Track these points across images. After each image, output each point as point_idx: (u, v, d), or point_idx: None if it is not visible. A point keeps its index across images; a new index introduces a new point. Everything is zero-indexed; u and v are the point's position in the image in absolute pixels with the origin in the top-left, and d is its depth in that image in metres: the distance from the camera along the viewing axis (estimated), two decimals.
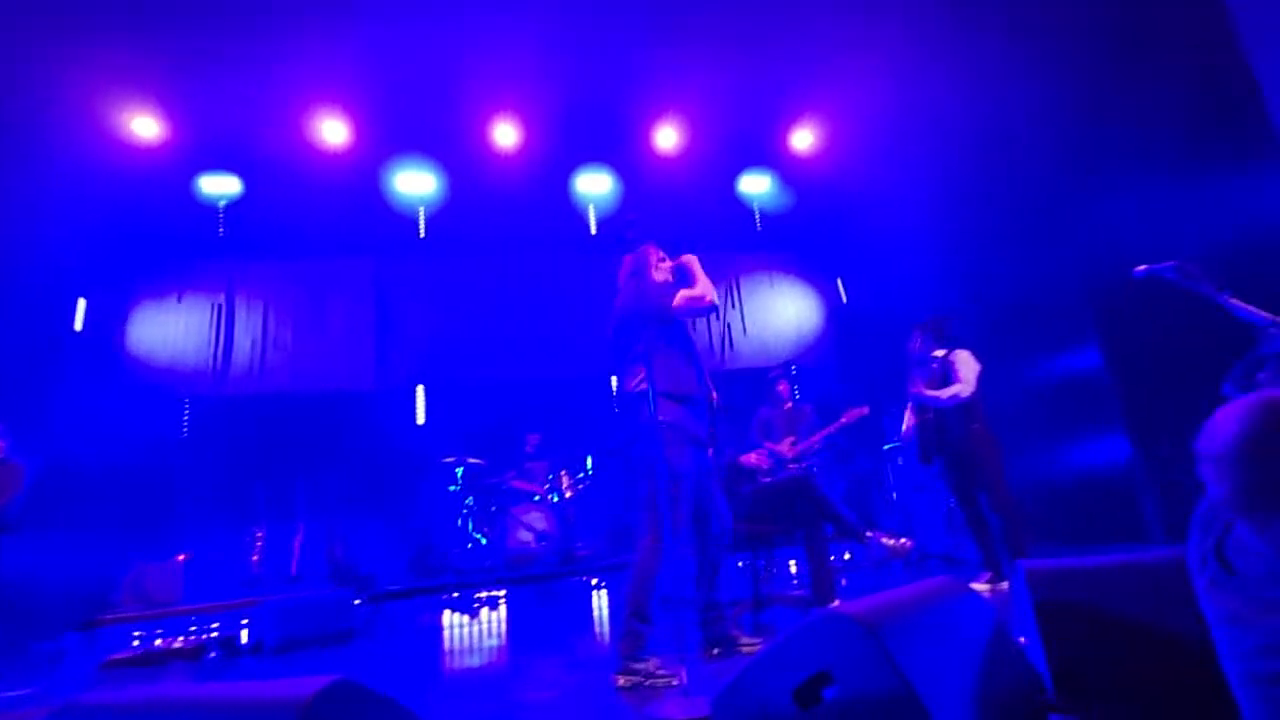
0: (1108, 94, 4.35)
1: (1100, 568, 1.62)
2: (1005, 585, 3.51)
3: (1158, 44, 4.03)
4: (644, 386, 2.50)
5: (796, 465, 4.12)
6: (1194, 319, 3.04)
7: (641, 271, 2.90)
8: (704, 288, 2.76)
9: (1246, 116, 3.61)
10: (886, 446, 6.12)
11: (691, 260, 2.87)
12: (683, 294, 2.72)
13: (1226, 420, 1.06)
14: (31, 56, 4.95)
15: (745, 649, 2.62)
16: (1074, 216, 4.39)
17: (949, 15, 5.17)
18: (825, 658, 1.33)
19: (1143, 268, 2.62)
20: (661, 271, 2.92)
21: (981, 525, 3.67)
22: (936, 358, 3.96)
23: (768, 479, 3.50)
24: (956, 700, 1.25)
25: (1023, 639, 1.65)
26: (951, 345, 3.96)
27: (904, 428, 4.16)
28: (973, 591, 1.66)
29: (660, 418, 2.43)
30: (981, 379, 3.85)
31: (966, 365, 3.84)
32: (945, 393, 3.84)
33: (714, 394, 2.85)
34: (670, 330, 2.71)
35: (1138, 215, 4.07)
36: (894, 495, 5.98)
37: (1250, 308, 2.33)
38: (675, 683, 2.15)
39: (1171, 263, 2.62)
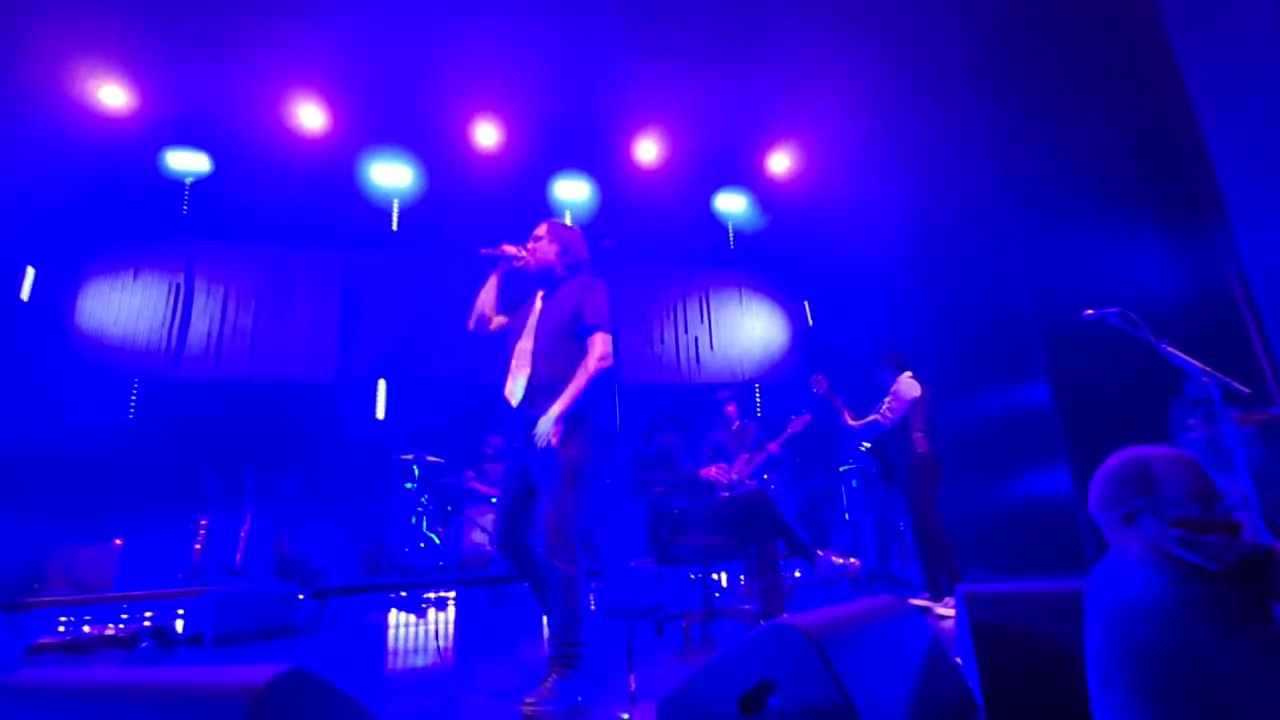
0: (1069, 144, 4.59)
1: (1033, 593, 1.71)
2: (939, 607, 3.63)
3: (1116, 102, 4.27)
4: None
5: (753, 482, 4.19)
6: (1137, 361, 3.22)
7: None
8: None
9: (1195, 176, 3.84)
10: (842, 468, 6.26)
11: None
12: None
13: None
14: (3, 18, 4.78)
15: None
16: (1032, 256, 4.60)
17: (924, 57, 5.39)
18: (770, 667, 1.38)
19: (1090, 312, 2.76)
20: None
21: (927, 547, 3.80)
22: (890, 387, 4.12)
23: (725, 494, 3.56)
24: (892, 713, 1.31)
25: (958, 659, 1.72)
26: (907, 372, 4.12)
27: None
28: (914, 610, 1.74)
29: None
30: (929, 406, 4.01)
31: (896, 394, 4.00)
32: (861, 421, 4.04)
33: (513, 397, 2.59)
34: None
35: (1092, 259, 4.29)
36: (846, 516, 6.11)
37: (1185, 357, 2.48)
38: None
39: (1115, 310, 2.77)
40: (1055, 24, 4.66)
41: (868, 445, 4.34)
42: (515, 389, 2.54)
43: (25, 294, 5.57)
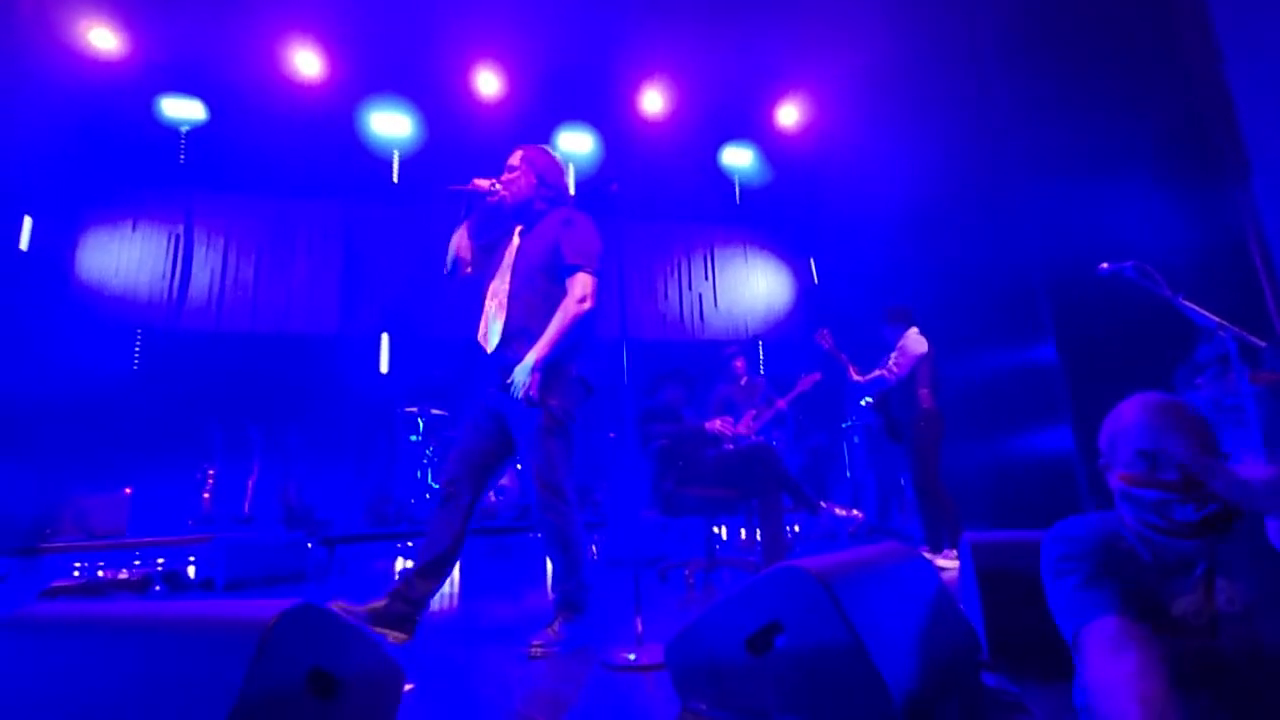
0: (1086, 96, 4.44)
1: (1036, 541, 1.72)
2: (939, 559, 3.67)
3: (1135, 52, 4.12)
4: None
5: (758, 437, 4.20)
6: (1144, 318, 3.18)
7: None
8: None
9: (1216, 128, 3.73)
10: (844, 425, 6.28)
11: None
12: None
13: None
14: None
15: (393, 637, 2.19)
16: (1041, 210, 4.50)
17: (937, 11, 5.20)
18: (778, 608, 1.39)
19: (1106, 265, 2.71)
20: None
21: (928, 501, 3.82)
22: (896, 342, 4.09)
23: (730, 446, 3.57)
24: (900, 654, 1.32)
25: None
26: (913, 328, 4.09)
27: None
28: (920, 556, 1.74)
29: None
30: (934, 362, 3.99)
31: (903, 349, 3.97)
32: (867, 376, 4.02)
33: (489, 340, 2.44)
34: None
35: (1102, 214, 4.20)
36: (848, 473, 6.16)
37: (1201, 310, 2.44)
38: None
39: (1131, 263, 2.72)
40: None
41: (870, 400, 4.33)
42: (490, 333, 2.37)
43: (24, 244, 5.51)
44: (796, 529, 5.33)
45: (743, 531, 5.16)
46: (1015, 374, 4.91)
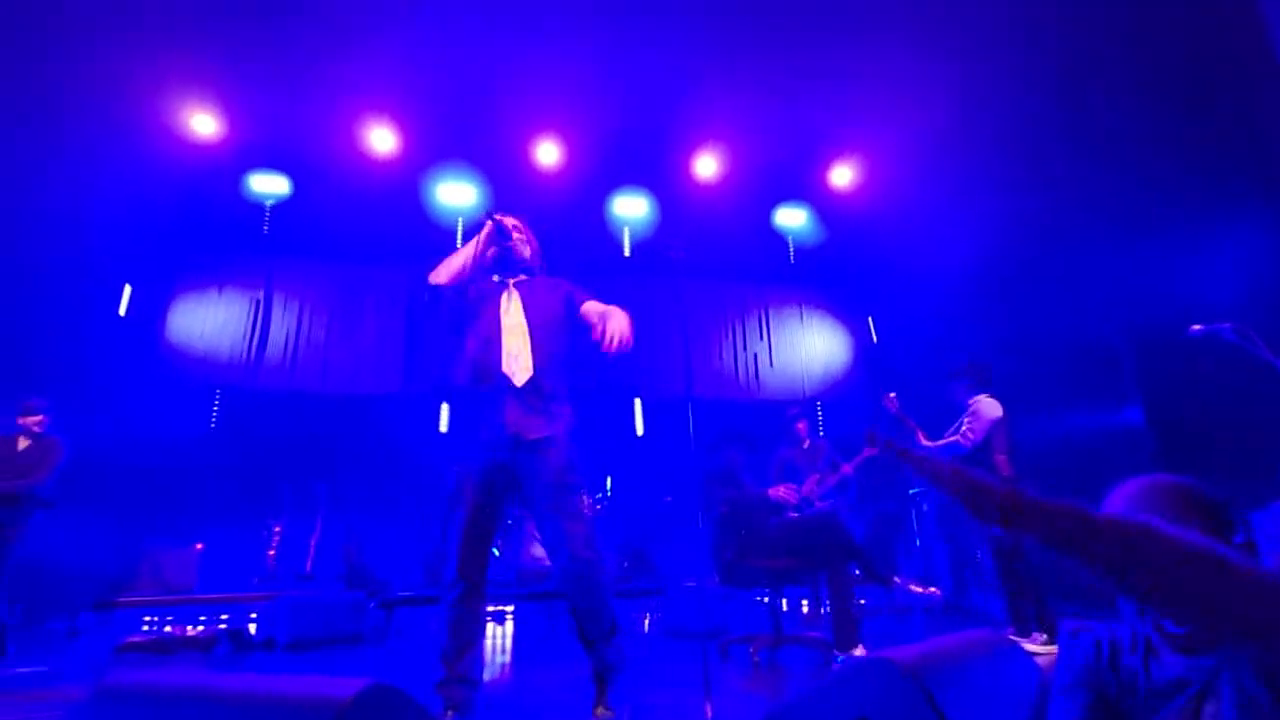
0: (1160, 144, 4.31)
1: None
2: (1028, 643, 3.39)
3: (1214, 93, 3.99)
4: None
5: (824, 503, 4.05)
6: (1243, 382, 2.96)
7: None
8: (457, 254, 2.52)
9: None
10: (912, 491, 6.00)
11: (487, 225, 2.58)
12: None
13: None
14: (103, 54, 5.16)
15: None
16: (1120, 267, 4.33)
17: (993, 58, 5.19)
18: (867, 703, 1.29)
19: (1199, 327, 2.56)
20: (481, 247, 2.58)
21: (1011, 579, 3.57)
22: (968, 404, 3.91)
23: (794, 514, 3.44)
24: None
25: None
26: (984, 391, 3.91)
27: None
28: (1019, 647, 1.61)
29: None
30: (1008, 428, 3.78)
31: (976, 414, 3.78)
32: (938, 443, 3.82)
33: (517, 375, 2.27)
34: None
35: (1187, 269, 4.00)
36: (917, 542, 5.85)
37: None
38: None
39: (1228, 324, 2.56)
40: (1141, 27, 4.41)
41: None
42: (518, 368, 2.24)
43: (123, 310, 5.95)
44: (864, 602, 5.05)
45: (805, 604, 4.93)
46: (1097, 439, 4.63)
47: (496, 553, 5.63)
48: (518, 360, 2.26)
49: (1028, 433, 4.36)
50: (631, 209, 7.44)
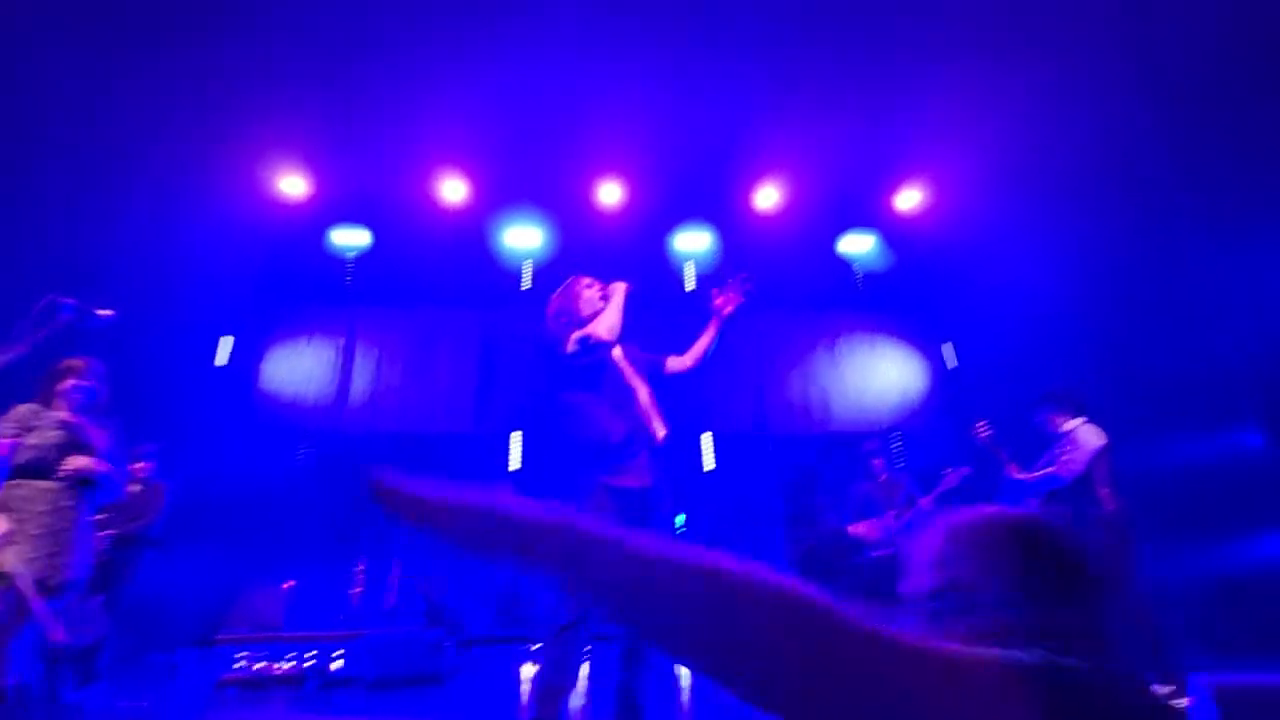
0: (1262, 149, 4.01)
1: None
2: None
3: None
4: (559, 434, 2.42)
5: (904, 538, 3.86)
6: None
7: (566, 309, 2.62)
8: (599, 322, 2.44)
9: None
10: None
11: (616, 288, 2.55)
12: (574, 335, 2.42)
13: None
14: (202, 128, 5.65)
15: None
16: (1232, 272, 4.00)
17: (1073, 62, 4.98)
18: None
19: None
20: (589, 300, 2.62)
21: (1129, 624, 3.27)
22: (1063, 433, 3.66)
23: (877, 552, 3.28)
24: None
25: None
26: (1079, 417, 3.66)
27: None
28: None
29: (567, 470, 2.32)
30: (1112, 457, 3.51)
31: (1076, 443, 3.51)
32: (1035, 475, 3.55)
33: (658, 432, 2.49)
34: (577, 373, 2.44)
35: None
36: None
37: None
38: None
39: None
40: (1236, 31, 4.15)
41: (1033, 505, 3.83)
42: (657, 426, 2.49)
43: (222, 360, 6.38)
44: None
45: None
46: (1211, 467, 4.24)
47: None
48: (653, 421, 2.47)
49: (1132, 464, 4.05)
50: (695, 243, 7.48)
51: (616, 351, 2.57)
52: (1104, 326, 5.13)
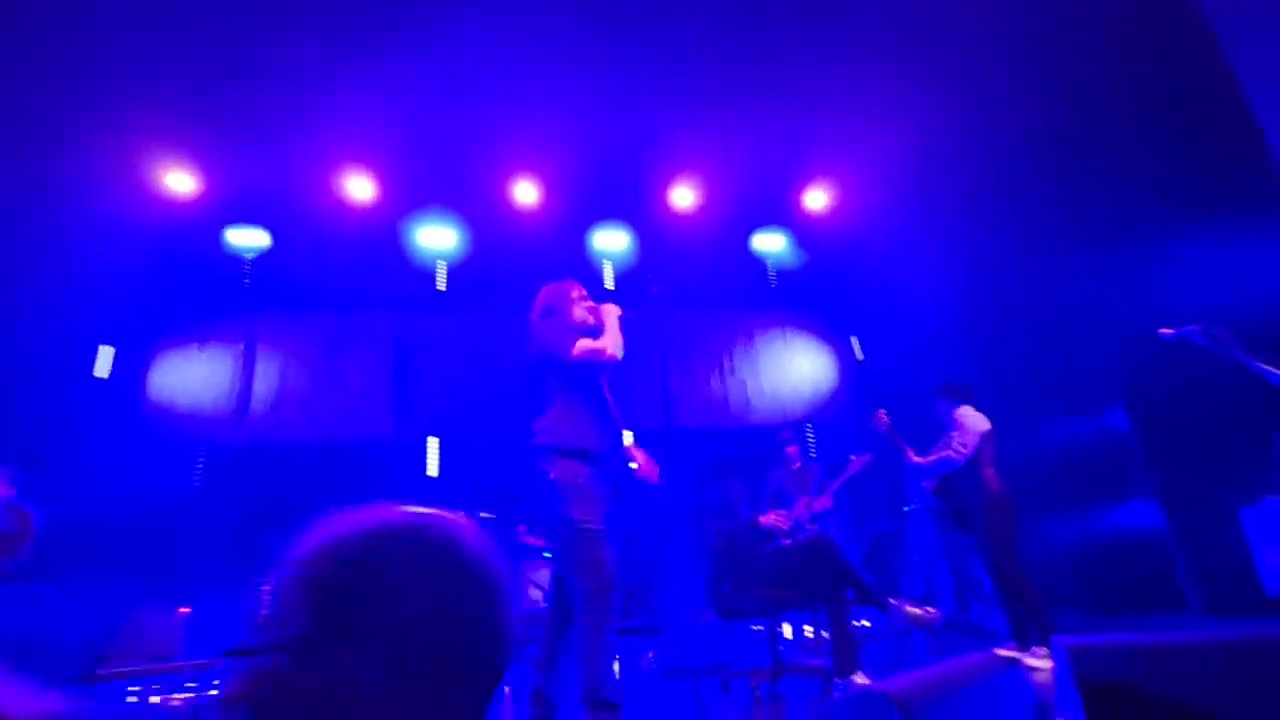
0: (1136, 151, 4.39)
1: (1148, 645, 1.54)
2: (1028, 658, 3.35)
3: (1188, 103, 4.09)
4: (542, 439, 2.40)
5: (814, 526, 4.02)
6: (1225, 377, 2.99)
7: (558, 307, 2.68)
8: (608, 340, 2.51)
9: (1268, 168, 3.62)
10: (906, 508, 5.97)
11: (609, 310, 2.62)
12: (584, 343, 2.48)
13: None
14: (81, 115, 5.19)
15: None
16: (1099, 274, 4.38)
17: (966, 76, 5.32)
18: None
19: (1169, 331, 2.59)
20: (581, 310, 2.69)
21: (1008, 593, 3.53)
22: (955, 420, 3.92)
23: (787, 541, 3.40)
24: None
25: None
26: (967, 404, 3.93)
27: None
28: (1014, 667, 1.58)
29: (557, 476, 2.32)
30: (995, 441, 3.79)
31: (964, 428, 3.79)
32: (929, 458, 3.82)
33: (631, 449, 2.67)
34: (574, 378, 2.49)
35: (1167, 272, 4.05)
36: (914, 559, 5.80)
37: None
38: None
39: (1197, 326, 2.59)
40: (1106, 39, 4.54)
41: (930, 485, 4.11)
42: (625, 435, 2.64)
43: (101, 371, 5.88)
44: (866, 623, 4.98)
45: (807, 629, 4.85)
46: (1085, 446, 4.64)
47: None
48: (619, 425, 2.60)
49: (1017, 445, 4.37)
50: (612, 242, 7.49)
51: None
52: (990, 322, 5.51)
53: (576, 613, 2.27)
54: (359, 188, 6.58)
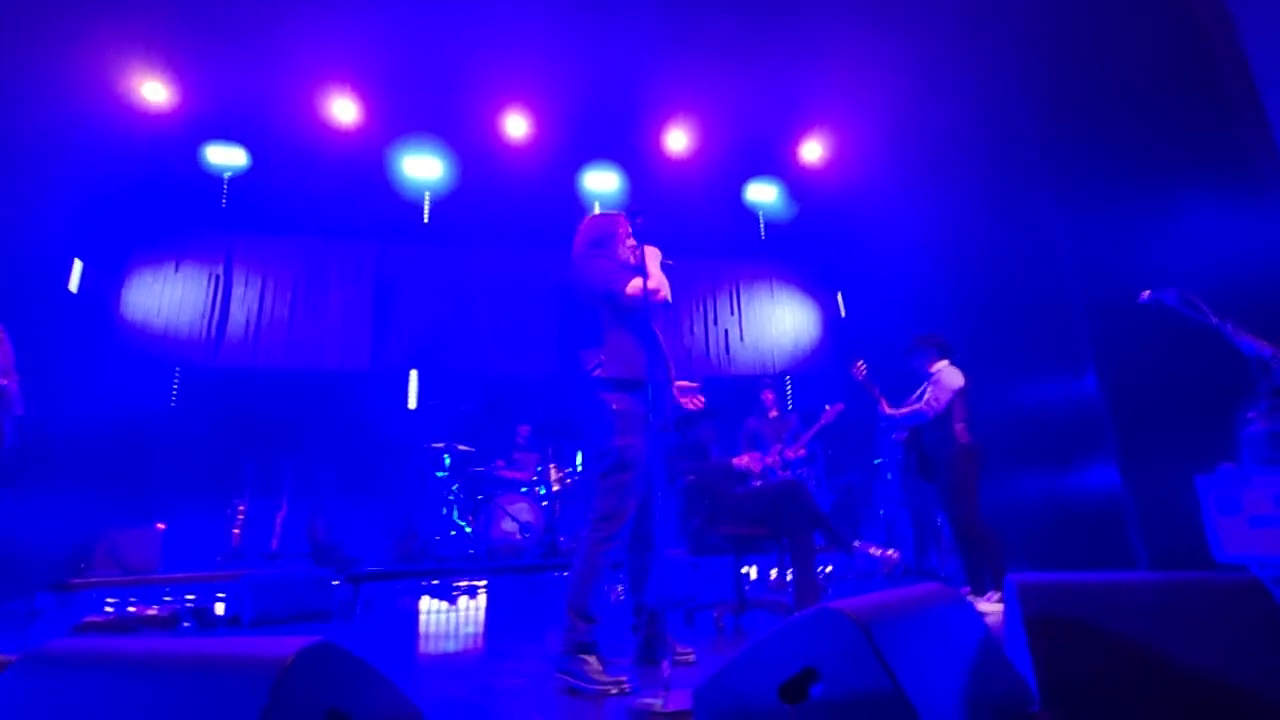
0: (1114, 113, 4.37)
1: (1094, 584, 1.62)
2: (982, 602, 3.51)
3: (1171, 65, 4.05)
4: (598, 371, 2.48)
5: (788, 473, 4.11)
6: (1195, 346, 3.05)
7: (607, 242, 2.72)
8: (660, 281, 2.56)
9: (1249, 136, 3.63)
10: (876, 461, 6.12)
11: (653, 253, 2.62)
12: (636, 282, 2.49)
13: None
14: (50, 17, 4.91)
15: (680, 659, 2.44)
16: (1077, 237, 4.40)
17: (958, 35, 5.22)
18: (813, 654, 1.32)
19: (1147, 294, 2.62)
20: (627, 249, 2.72)
21: (966, 542, 3.67)
22: (930, 373, 3.99)
23: (759, 483, 3.48)
24: (944, 704, 1.24)
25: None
26: (945, 360, 3.99)
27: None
28: (964, 599, 1.66)
29: (611, 405, 2.43)
30: (968, 397, 3.87)
31: (939, 383, 3.86)
32: (902, 410, 3.90)
33: (676, 381, 2.76)
34: (626, 312, 2.55)
35: (1144, 237, 4.09)
36: (881, 511, 5.98)
37: (1253, 340, 2.34)
38: (617, 690, 2.08)
39: (1174, 290, 2.63)
40: (1097, 2, 4.45)
41: (901, 436, 4.21)
42: (672, 366, 2.76)
43: (73, 286, 5.73)
44: (829, 569, 5.16)
45: (773, 571, 5.02)
46: (1054, 407, 4.75)
47: (468, 528, 5.63)
48: (669, 360, 2.69)
49: (989, 403, 4.47)
50: (602, 184, 7.36)
51: None
52: (971, 282, 5.54)
53: (651, 535, 2.51)
54: (343, 109, 6.35)
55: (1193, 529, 3.66)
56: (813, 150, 7.23)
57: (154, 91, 5.89)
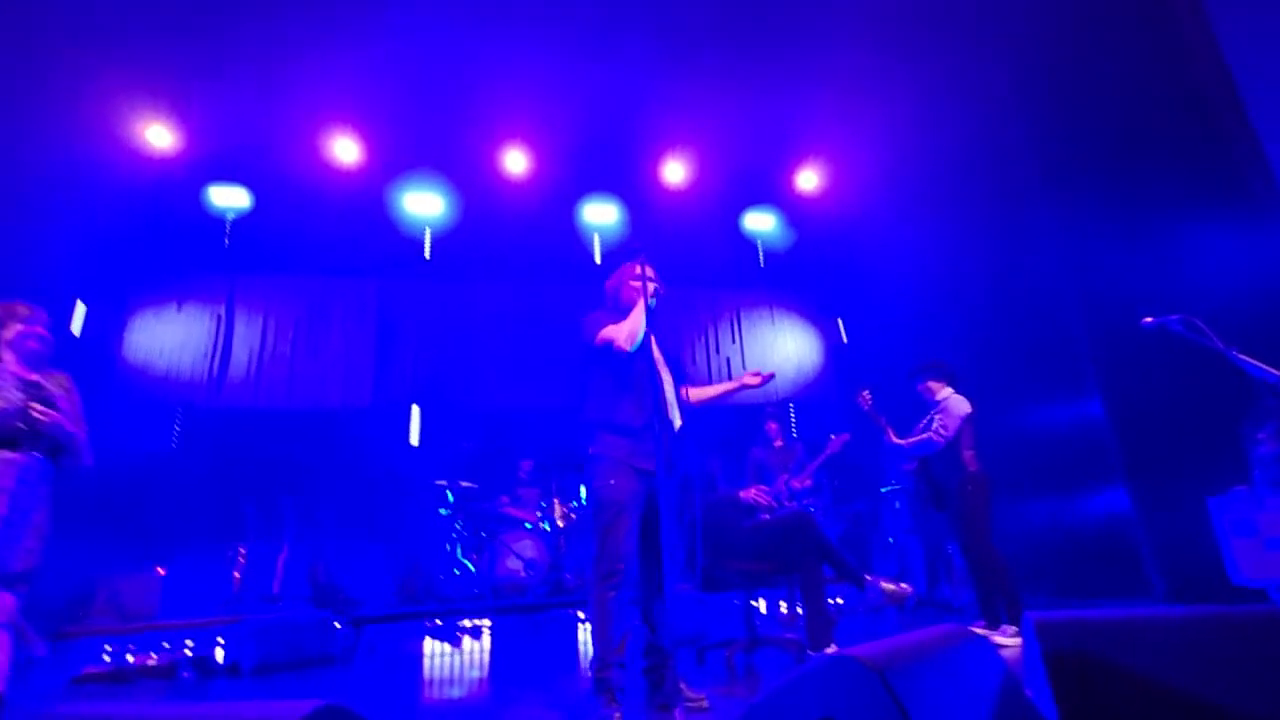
0: (1112, 138, 4.42)
1: (1110, 621, 1.59)
2: (997, 636, 3.43)
3: (1173, 93, 4.10)
4: (584, 416, 2.60)
5: (795, 504, 4.07)
6: (1200, 371, 3.04)
7: (611, 292, 2.95)
8: (623, 330, 2.62)
9: (1245, 160, 3.66)
10: (884, 489, 6.06)
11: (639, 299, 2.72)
12: (605, 331, 2.63)
13: None
14: (56, 64, 5.01)
15: (693, 705, 2.40)
16: (1079, 262, 4.43)
17: (954, 63, 5.30)
18: (830, 704, 1.28)
19: (1150, 319, 2.62)
20: (630, 291, 2.87)
21: (981, 571, 3.61)
22: (936, 401, 3.97)
23: (766, 516, 3.44)
24: None
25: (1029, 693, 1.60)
26: (950, 388, 3.97)
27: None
28: (982, 639, 1.62)
29: (589, 449, 2.52)
30: (975, 424, 3.84)
31: (947, 411, 3.83)
32: (910, 440, 3.86)
33: (675, 422, 2.73)
34: (598, 362, 2.66)
35: (1146, 263, 4.10)
36: (890, 539, 5.90)
37: (1260, 365, 2.33)
38: None
39: (1177, 316, 2.63)
40: (1094, 28, 4.53)
41: (910, 466, 4.17)
42: (675, 415, 2.71)
43: (76, 328, 5.75)
44: (840, 601, 5.08)
45: (783, 605, 4.94)
46: (1060, 432, 4.72)
47: (472, 567, 5.56)
48: (672, 408, 2.70)
49: (994, 429, 4.43)
50: (602, 216, 7.43)
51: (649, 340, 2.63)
52: (973, 307, 5.55)
53: (660, 575, 2.47)
54: (344, 149, 6.45)
55: (1206, 551, 3.60)
56: (810, 178, 7.31)
57: (158, 136, 5.98)
